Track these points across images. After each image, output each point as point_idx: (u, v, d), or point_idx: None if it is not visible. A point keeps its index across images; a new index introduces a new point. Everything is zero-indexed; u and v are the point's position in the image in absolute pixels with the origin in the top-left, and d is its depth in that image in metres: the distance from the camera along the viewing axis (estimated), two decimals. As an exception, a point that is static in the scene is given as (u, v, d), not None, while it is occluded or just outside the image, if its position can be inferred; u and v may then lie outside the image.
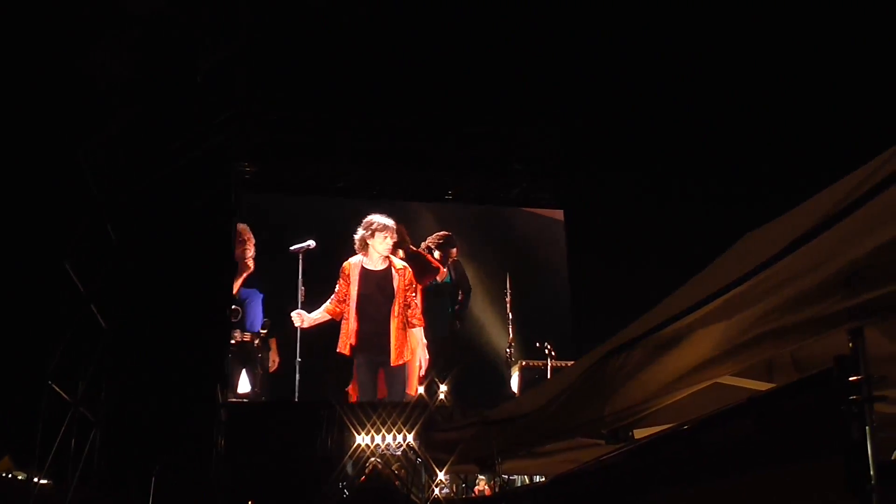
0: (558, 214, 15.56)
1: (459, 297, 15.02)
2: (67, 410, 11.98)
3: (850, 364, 1.67)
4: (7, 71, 11.05)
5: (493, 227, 15.58)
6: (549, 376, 13.19)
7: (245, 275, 14.63)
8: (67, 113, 11.56)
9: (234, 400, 14.39)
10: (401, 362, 14.34)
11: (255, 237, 14.49)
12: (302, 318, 14.03)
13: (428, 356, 14.47)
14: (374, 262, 14.15)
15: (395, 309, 14.21)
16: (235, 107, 13.45)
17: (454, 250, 14.94)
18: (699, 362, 2.26)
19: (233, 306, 14.38)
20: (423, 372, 14.39)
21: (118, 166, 12.40)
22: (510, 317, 14.08)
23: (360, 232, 13.98)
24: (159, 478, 15.44)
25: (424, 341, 14.47)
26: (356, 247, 14.04)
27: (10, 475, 17.63)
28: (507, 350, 14.14)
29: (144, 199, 12.98)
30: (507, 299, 14.21)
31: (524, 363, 13.51)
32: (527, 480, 9.62)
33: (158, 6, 10.20)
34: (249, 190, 14.77)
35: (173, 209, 13.27)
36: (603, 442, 3.15)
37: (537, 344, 13.56)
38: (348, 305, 14.17)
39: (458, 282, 15.02)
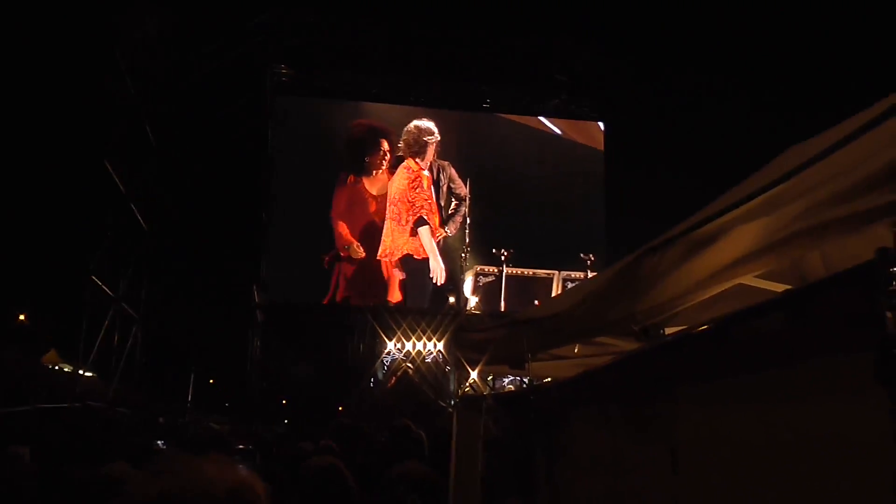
0: (559, 125, 15.18)
1: (452, 204, 14.74)
2: (110, 306, 12.37)
3: (892, 256, 1.64)
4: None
5: (483, 135, 15.25)
6: (503, 283, 13.44)
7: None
8: (105, 14, 11.50)
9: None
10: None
11: (282, 137, 14.44)
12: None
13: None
14: (425, 167, 14.17)
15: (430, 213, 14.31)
16: (271, 9, 13.27)
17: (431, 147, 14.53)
18: (737, 258, 2.26)
19: None
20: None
21: (156, 68, 12.40)
22: (468, 221, 13.87)
23: (424, 136, 13.84)
24: (197, 375, 15.97)
25: None
26: (415, 150, 13.89)
27: (56, 367, 18.41)
28: (462, 255, 13.91)
29: (182, 101, 13.01)
30: (466, 204, 14.02)
31: (478, 269, 13.60)
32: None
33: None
34: (285, 93, 14.71)
35: (210, 112, 13.32)
36: (634, 343, 3.18)
37: (493, 251, 13.58)
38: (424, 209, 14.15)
39: (448, 187, 14.71)
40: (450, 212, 14.85)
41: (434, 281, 14.42)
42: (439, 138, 14.14)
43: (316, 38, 14.22)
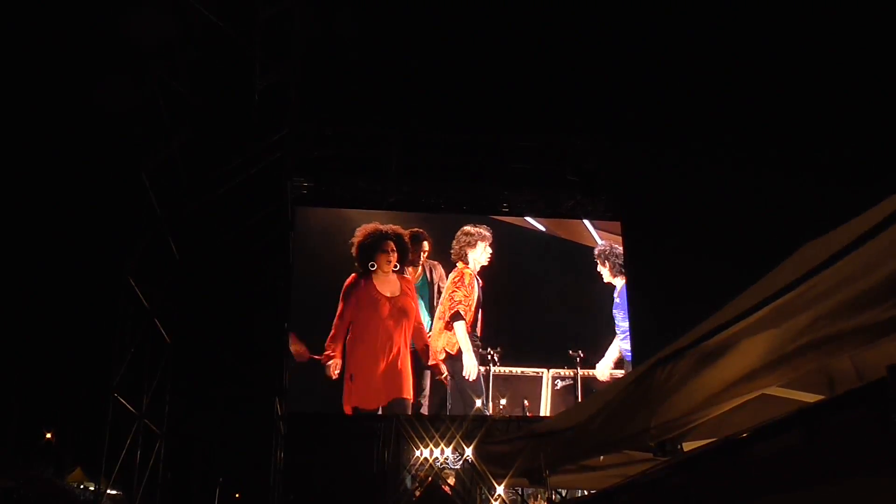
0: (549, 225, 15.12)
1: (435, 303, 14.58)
2: (133, 423, 12.29)
3: (904, 373, 1.56)
4: (70, 92, 11.44)
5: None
6: (490, 383, 13.79)
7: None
8: (130, 133, 11.92)
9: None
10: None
11: (302, 247, 14.53)
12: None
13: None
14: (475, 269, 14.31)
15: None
16: (291, 124, 13.68)
17: (425, 243, 14.55)
18: (747, 372, 2.16)
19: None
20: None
21: (179, 184, 12.73)
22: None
23: (468, 239, 14.17)
24: (222, 488, 15.64)
25: None
26: (463, 252, 14.19)
27: (82, 486, 18.19)
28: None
29: (205, 215, 13.30)
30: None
31: None
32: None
33: (164, 36, 10.41)
34: (305, 205, 14.88)
35: (232, 225, 13.57)
36: (652, 456, 3.06)
37: (481, 350, 13.67)
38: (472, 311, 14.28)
39: (438, 284, 14.64)
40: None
41: (467, 377, 14.28)
42: (489, 250, 14.50)
43: (333, 150, 14.58)
